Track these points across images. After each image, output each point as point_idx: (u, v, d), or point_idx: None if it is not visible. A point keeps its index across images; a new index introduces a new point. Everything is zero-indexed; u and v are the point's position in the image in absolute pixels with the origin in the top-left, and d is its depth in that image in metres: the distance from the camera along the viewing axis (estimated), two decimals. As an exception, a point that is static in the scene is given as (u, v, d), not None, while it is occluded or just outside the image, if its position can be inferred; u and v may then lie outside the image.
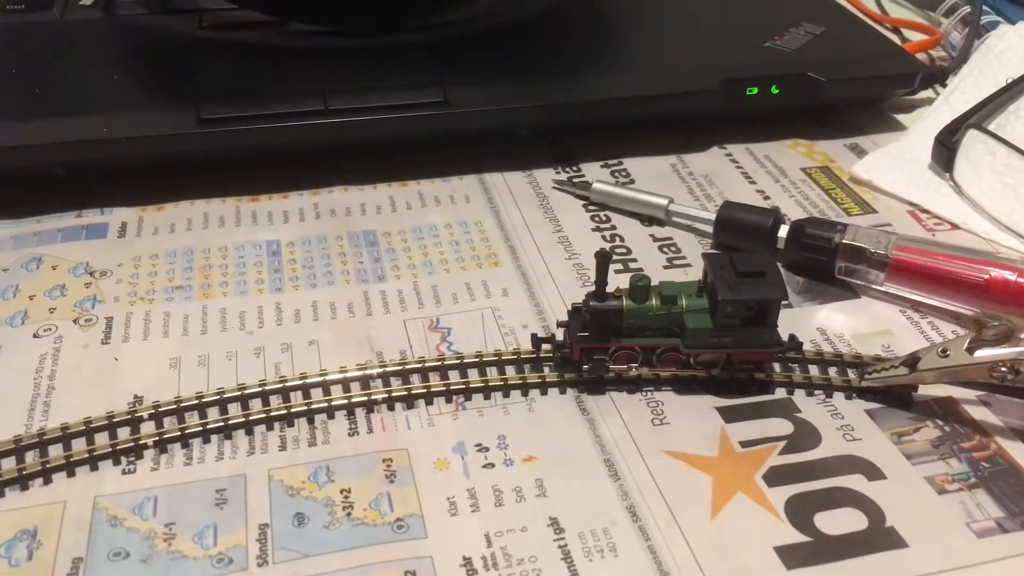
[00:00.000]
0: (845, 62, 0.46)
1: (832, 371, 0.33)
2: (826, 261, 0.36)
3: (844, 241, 0.36)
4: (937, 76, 0.49)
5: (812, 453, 0.30)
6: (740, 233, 0.38)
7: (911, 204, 0.42)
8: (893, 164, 0.44)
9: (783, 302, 0.31)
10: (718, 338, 0.31)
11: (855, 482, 0.29)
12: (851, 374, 0.33)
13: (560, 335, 0.33)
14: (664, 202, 0.40)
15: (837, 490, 0.29)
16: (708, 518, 0.28)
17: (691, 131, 0.46)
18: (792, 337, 0.33)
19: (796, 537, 0.27)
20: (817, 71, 0.44)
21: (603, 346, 0.31)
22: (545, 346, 0.33)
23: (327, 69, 0.44)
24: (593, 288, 0.31)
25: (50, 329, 0.34)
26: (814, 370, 0.33)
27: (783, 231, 0.37)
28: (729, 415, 0.31)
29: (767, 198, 0.42)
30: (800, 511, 0.28)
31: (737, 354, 0.31)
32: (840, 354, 0.33)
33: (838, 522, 0.28)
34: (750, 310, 0.31)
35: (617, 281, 0.32)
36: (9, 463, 0.29)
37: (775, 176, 0.44)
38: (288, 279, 0.37)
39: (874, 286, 0.36)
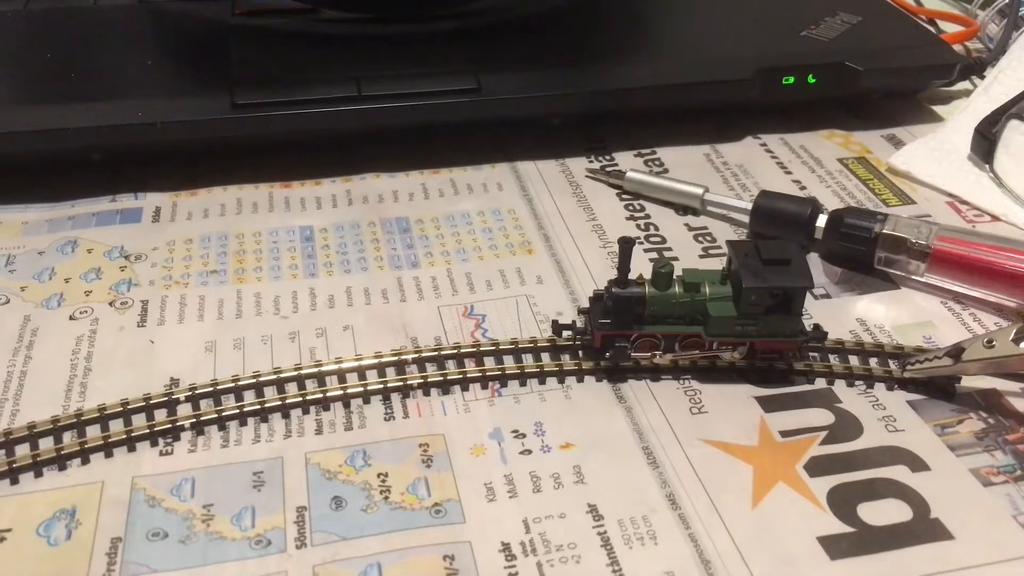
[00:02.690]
0: (883, 52, 0.45)
1: (873, 362, 0.32)
2: (866, 251, 0.36)
3: (884, 231, 0.35)
4: (975, 67, 0.48)
5: (854, 444, 0.29)
6: (777, 222, 0.38)
7: (950, 195, 0.41)
8: (931, 155, 0.43)
9: (818, 292, 0.30)
10: (742, 326, 0.31)
11: (898, 473, 0.28)
12: (892, 365, 0.32)
13: (581, 322, 0.32)
14: (699, 191, 0.40)
15: (880, 481, 0.28)
16: (749, 507, 0.27)
17: (725, 120, 0.46)
18: (816, 327, 0.32)
19: (840, 527, 0.27)
20: (854, 60, 0.44)
21: (625, 333, 0.31)
22: (566, 333, 0.32)
23: (360, 56, 0.43)
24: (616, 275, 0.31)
25: (86, 311, 0.34)
26: (854, 360, 0.32)
27: (821, 221, 0.37)
28: (768, 404, 0.31)
29: (803, 188, 0.42)
30: (843, 502, 0.27)
31: (760, 343, 0.31)
32: (881, 345, 0.33)
33: (882, 513, 0.27)
34: (775, 298, 0.30)
35: (648, 269, 0.32)
36: (47, 443, 0.29)
37: (811, 166, 0.43)
38: (322, 264, 0.37)
39: (914, 277, 0.36)
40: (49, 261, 0.36)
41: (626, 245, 0.30)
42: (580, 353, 0.32)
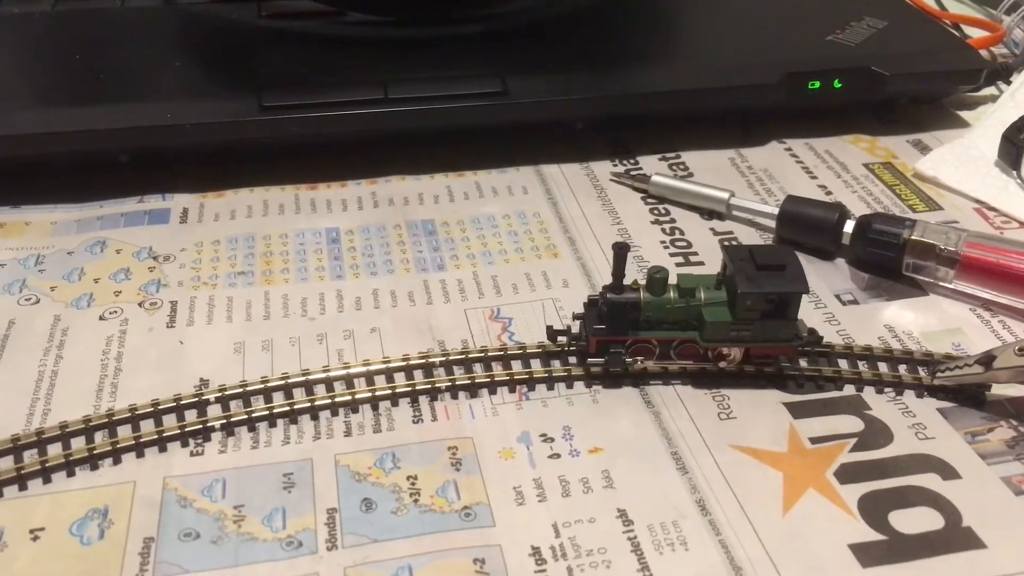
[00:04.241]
0: (909, 57, 0.45)
1: (902, 368, 0.32)
2: (894, 257, 0.36)
3: (913, 237, 0.35)
4: (1001, 72, 0.48)
5: (884, 451, 0.29)
6: (804, 228, 0.38)
7: (977, 201, 0.41)
8: (958, 161, 0.43)
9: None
10: (737, 332, 0.30)
11: (929, 481, 0.28)
12: (922, 372, 0.32)
13: (576, 327, 0.32)
14: (725, 196, 0.40)
15: (911, 489, 0.28)
16: (780, 514, 0.27)
17: (749, 124, 0.46)
18: (812, 331, 0.32)
19: (871, 535, 0.27)
20: (881, 65, 0.44)
21: (619, 339, 0.31)
22: (560, 339, 0.32)
23: (386, 59, 0.44)
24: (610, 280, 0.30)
25: (116, 312, 0.34)
26: (883, 367, 0.32)
27: (849, 226, 0.37)
28: (797, 411, 0.31)
29: (829, 193, 0.42)
30: (874, 509, 0.27)
31: (756, 348, 0.31)
32: (910, 351, 0.33)
33: (913, 521, 0.27)
34: (770, 303, 0.30)
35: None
36: (79, 443, 0.29)
37: (837, 171, 0.43)
38: (348, 267, 0.37)
39: (943, 283, 0.36)
40: (78, 261, 0.37)
41: (620, 251, 0.30)
42: (573, 359, 0.32)
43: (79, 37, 0.45)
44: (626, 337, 0.31)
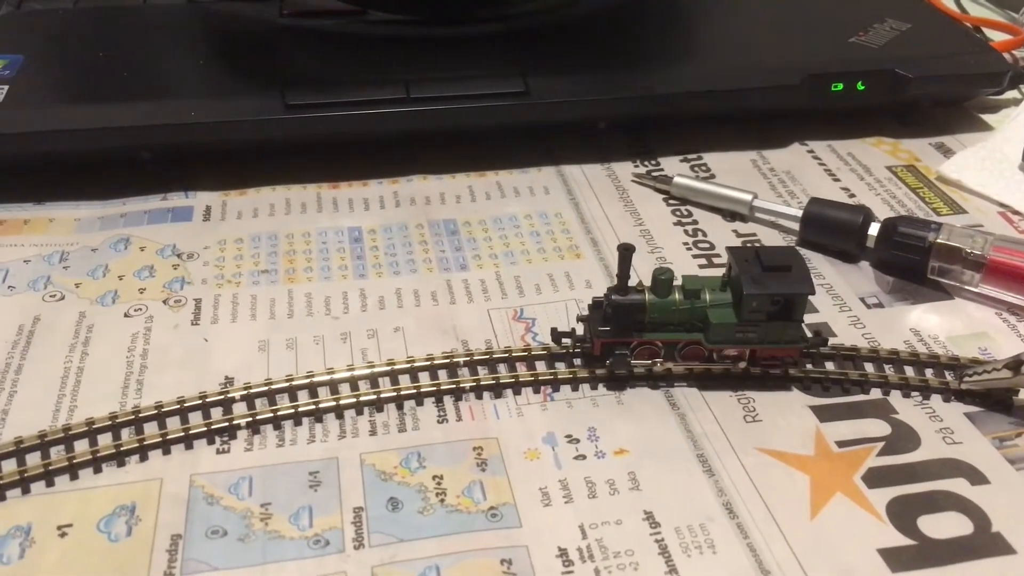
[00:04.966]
0: (933, 59, 0.45)
1: (928, 372, 0.32)
2: (919, 260, 0.36)
3: (939, 241, 0.35)
4: (1024, 76, 0.48)
5: (911, 455, 0.29)
6: (828, 230, 0.38)
7: (1002, 205, 0.41)
8: (982, 164, 0.43)
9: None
10: (742, 333, 0.30)
11: (958, 486, 0.28)
12: (949, 376, 0.32)
13: (580, 329, 0.32)
14: (748, 197, 0.40)
15: (939, 494, 0.28)
16: (807, 518, 0.27)
17: (771, 126, 0.46)
18: (817, 332, 0.32)
19: (900, 540, 0.27)
20: (904, 68, 0.43)
21: (624, 341, 0.31)
22: (565, 340, 0.32)
23: (408, 58, 0.44)
24: (615, 281, 0.30)
25: (140, 309, 0.34)
26: (909, 371, 0.32)
27: (874, 229, 0.37)
28: (823, 414, 0.31)
29: (852, 196, 0.42)
30: (903, 514, 0.27)
31: (761, 349, 0.31)
32: (936, 355, 0.33)
33: (942, 526, 0.27)
34: (776, 304, 0.30)
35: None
36: (106, 439, 0.29)
37: (859, 174, 0.43)
38: (371, 266, 0.37)
39: (968, 287, 0.35)
40: (102, 258, 0.37)
41: (625, 252, 0.30)
42: (578, 361, 0.32)
43: (102, 34, 0.45)
44: (631, 339, 0.31)
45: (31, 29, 0.46)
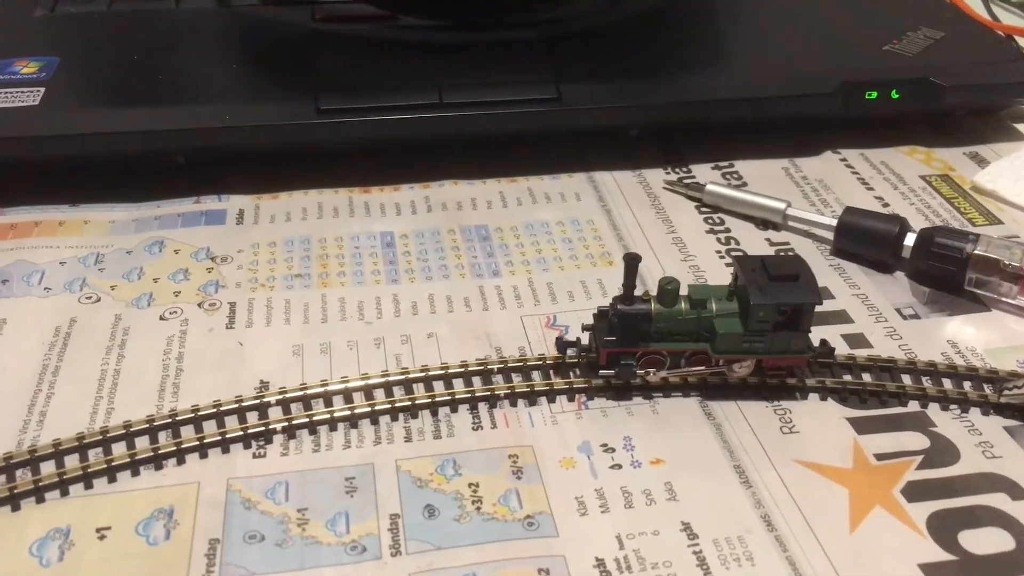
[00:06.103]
0: (967, 68, 0.44)
1: (967, 385, 0.32)
2: (956, 272, 0.35)
3: (976, 252, 0.35)
4: (1059, 85, 0.47)
5: (951, 469, 0.29)
6: (863, 240, 0.37)
7: (1038, 216, 0.41)
8: (1018, 174, 0.42)
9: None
10: (749, 343, 0.30)
11: (998, 501, 0.28)
12: (987, 389, 0.32)
13: (586, 339, 0.32)
14: (782, 206, 0.39)
15: (980, 508, 0.28)
16: (847, 531, 0.27)
17: (804, 134, 0.45)
18: (824, 342, 0.32)
19: (941, 555, 0.26)
20: (939, 76, 0.43)
21: (630, 351, 0.31)
22: (570, 351, 0.32)
23: (439, 63, 0.44)
24: (621, 291, 0.30)
25: (176, 312, 0.35)
26: (947, 384, 0.32)
27: (910, 239, 0.36)
28: (861, 426, 0.30)
29: (886, 205, 0.41)
30: (943, 528, 0.27)
31: (768, 359, 0.30)
32: (974, 368, 0.32)
33: (983, 541, 0.27)
34: (782, 315, 0.30)
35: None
36: (143, 442, 0.29)
37: (893, 183, 0.43)
38: (404, 271, 0.37)
39: (1006, 299, 0.35)
40: (137, 261, 0.37)
41: (631, 261, 0.30)
42: (583, 371, 0.32)
43: (135, 37, 0.46)
44: (637, 349, 0.31)
45: (66, 32, 0.46)
